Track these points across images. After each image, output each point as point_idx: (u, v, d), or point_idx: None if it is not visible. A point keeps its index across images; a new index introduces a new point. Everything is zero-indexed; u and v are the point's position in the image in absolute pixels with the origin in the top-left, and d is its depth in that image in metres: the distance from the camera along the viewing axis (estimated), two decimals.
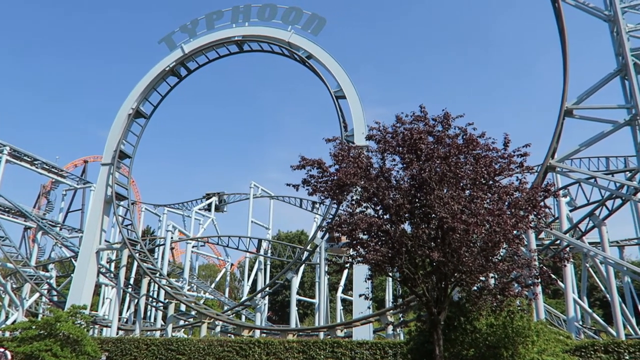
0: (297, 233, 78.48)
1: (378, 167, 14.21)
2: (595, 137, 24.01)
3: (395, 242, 12.96)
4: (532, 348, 13.62)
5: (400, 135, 13.88)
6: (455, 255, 12.55)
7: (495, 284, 13.74)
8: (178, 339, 24.85)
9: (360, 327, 26.20)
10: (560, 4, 26.16)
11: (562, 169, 25.63)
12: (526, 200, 13.27)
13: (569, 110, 24.37)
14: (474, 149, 13.60)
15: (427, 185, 12.88)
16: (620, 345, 16.39)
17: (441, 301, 13.48)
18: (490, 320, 14.13)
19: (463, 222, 12.01)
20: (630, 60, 23.20)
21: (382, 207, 13.57)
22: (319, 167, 13.93)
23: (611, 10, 24.96)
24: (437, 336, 13.28)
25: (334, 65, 32.32)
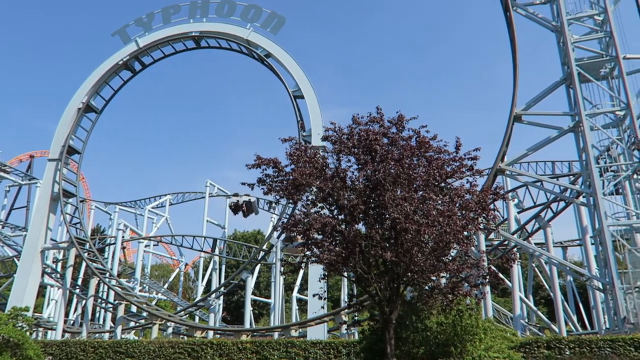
0: (253, 233, 77.81)
1: (334, 168, 14.29)
2: (542, 142, 25.04)
3: (349, 242, 13.08)
4: (480, 345, 14.04)
5: (355, 137, 14.01)
6: (407, 255, 12.77)
7: (446, 284, 14.10)
8: (127, 341, 24.12)
9: (315, 327, 26.28)
10: (512, 13, 27.14)
11: (511, 172, 26.61)
12: (476, 202, 13.65)
13: (518, 116, 25.32)
14: (427, 151, 13.89)
15: (381, 186, 13.04)
16: (561, 342, 17.15)
17: (393, 300, 13.69)
18: (440, 318, 14.46)
19: (415, 222, 12.25)
20: (575, 69, 24.32)
21: (337, 207, 13.66)
22: (274, 167, 13.88)
23: (558, 22, 26.11)
24: (389, 335, 13.48)
25: (292, 64, 32.27)
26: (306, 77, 31.70)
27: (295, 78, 31.93)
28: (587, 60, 24.91)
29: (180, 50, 38.17)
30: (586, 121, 23.55)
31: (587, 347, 16.54)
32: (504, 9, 27.91)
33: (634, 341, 16.09)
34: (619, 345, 16.15)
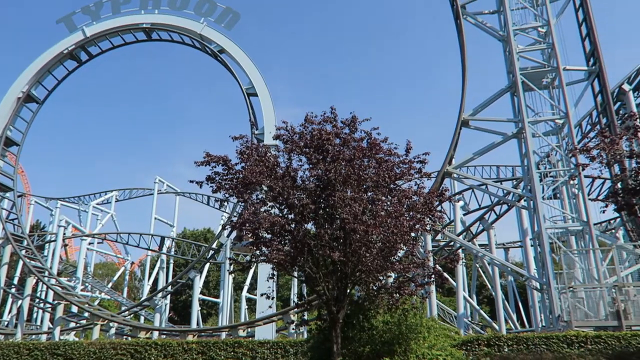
0: (203, 231, 76.47)
1: (285, 167, 14.26)
2: (487, 147, 25.98)
3: (299, 242, 13.08)
4: (423, 343, 14.37)
5: (308, 136, 14.02)
6: (355, 255, 12.91)
7: (392, 283, 14.36)
8: (66, 342, 23.05)
9: (263, 327, 26.17)
10: (462, 21, 27.99)
11: (458, 175, 27.45)
12: (423, 204, 13.97)
13: (465, 121, 26.14)
14: (378, 153, 14.07)
15: (332, 186, 13.12)
16: (500, 339, 17.78)
17: (341, 300, 13.79)
18: (386, 317, 14.70)
19: (363, 223, 12.39)
20: (519, 78, 25.37)
21: (287, 206, 13.62)
22: (224, 164, 13.69)
23: (505, 32, 27.15)
24: (336, 334, 13.58)
25: (246, 61, 31.95)
26: (260, 75, 31.49)
27: (249, 75, 31.65)
28: (531, 69, 26.03)
29: (130, 42, 37.00)
30: (528, 128, 24.61)
31: (524, 344, 17.22)
32: (455, 16, 28.76)
33: (566, 338, 16.90)
34: (553, 342, 16.92)
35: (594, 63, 26.15)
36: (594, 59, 26.10)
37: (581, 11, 27.08)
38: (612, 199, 12.55)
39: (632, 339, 16.25)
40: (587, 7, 26.42)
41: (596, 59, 25.86)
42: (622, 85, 32.81)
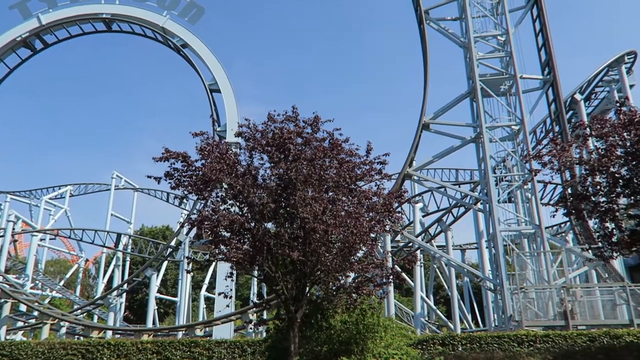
0: (162, 228, 74.90)
1: (246, 165, 14.17)
2: (446, 150, 26.61)
3: (258, 241, 13.01)
4: (380, 343, 14.55)
5: (270, 134, 13.97)
6: (315, 254, 12.94)
7: (351, 283, 14.48)
8: (12, 342, 22.09)
9: (221, 326, 25.86)
10: (425, 26, 28.53)
11: (418, 177, 27.98)
12: (383, 204, 14.15)
13: (426, 124, 26.66)
14: (339, 154, 14.15)
15: (293, 186, 13.11)
16: (455, 338, 18.21)
17: (299, 299, 13.81)
18: (344, 317, 14.79)
19: (323, 223, 12.44)
20: (478, 84, 26.08)
21: (247, 205, 13.52)
22: (183, 161, 13.46)
23: (466, 38, 27.84)
24: (294, 333, 13.58)
25: (209, 57, 31.45)
26: (223, 71, 31.06)
27: (212, 71, 31.17)
28: (490, 76, 26.80)
29: (89, 32, 35.81)
30: (486, 133, 25.33)
31: (477, 343, 17.69)
32: (418, 21, 29.27)
33: (517, 337, 17.48)
34: (504, 341, 17.45)
35: (549, 72, 27.19)
36: (549, 68, 27.13)
37: (538, 22, 28.12)
38: (561, 204, 13.05)
39: (577, 338, 16.95)
40: (544, 19, 27.45)
41: (551, 69, 26.89)
42: (575, 94, 34.28)
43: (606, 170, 11.71)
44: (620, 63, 34.40)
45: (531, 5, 28.44)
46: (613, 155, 11.52)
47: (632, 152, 11.35)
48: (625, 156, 11.50)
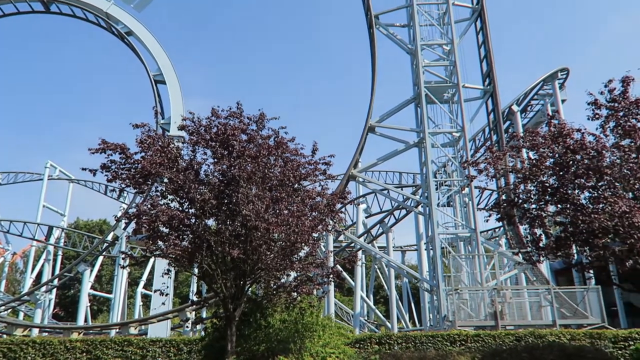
0: (99, 222, 71.93)
1: (188, 159, 13.87)
2: (390, 153, 27.21)
3: (197, 237, 12.77)
4: (318, 342, 14.66)
5: (214, 129, 13.75)
6: (256, 253, 12.86)
7: (291, 282, 14.50)
8: None
9: (157, 324, 25.15)
10: (375, 31, 29.03)
11: (363, 179, 28.42)
12: (326, 205, 14.27)
13: (372, 127, 27.15)
14: (284, 152, 14.13)
15: (236, 182, 12.96)
16: (391, 338, 18.63)
17: (238, 298, 13.68)
18: (283, 316, 14.81)
19: (265, 221, 12.38)
20: (423, 91, 26.85)
21: (188, 200, 13.24)
22: (121, 153, 12.98)
23: (413, 45, 28.58)
24: (231, 332, 13.44)
25: (155, 46, 30.44)
26: (170, 62, 30.15)
27: (158, 62, 30.18)
28: (434, 84, 27.65)
29: (25, 11, 33.73)
30: (428, 138, 26.12)
31: (412, 342, 18.19)
32: (368, 25, 29.74)
33: (450, 337, 18.12)
34: (438, 341, 18.04)
35: (489, 83, 28.40)
36: (490, 79, 28.34)
37: (481, 34, 29.31)
38: (495, 209, 13.66)
39: (505, 337, 17.79)
40: (487, 31, 28.66)
41: (491, 80, 28.11)
42: (512, 106, 36.00)
43: (536, 179, 12.37)
44: (554, 78, 36.55)
45: (475, 18, 29.60)
46: (543, 165, 12.19)
47: (559, 162, 12.06)
48: (554, 167, 12.19)
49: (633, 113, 11.63)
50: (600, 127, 12.09)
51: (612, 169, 11.39)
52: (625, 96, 11.76)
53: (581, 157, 11.75)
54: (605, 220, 10.69)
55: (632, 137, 11.64)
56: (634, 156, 11.48)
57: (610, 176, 11.39)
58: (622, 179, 11.41)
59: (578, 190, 11.95)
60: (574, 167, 11.78)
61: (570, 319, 20.72)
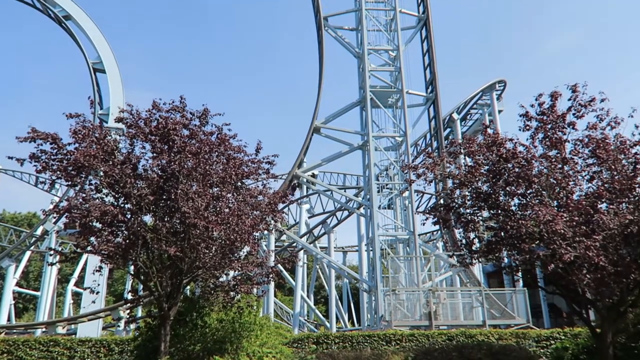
0: (27, 215, 67.97)
1: (126, 153, 13.36)
2: (334, 155, 27.52)
3: (132, 234, 12.32)
4: (255, 341, 14.57)
5: (154, 123, 13.32)
6: (194, 251, 12.59)
7: (229, 281, 14.31)
8: None
9: (88, 324, 24.10)
10: (323, 33, 29.24)
11: (307, 179, 28.52)
12: (267, 204, 14.19)
13: (317, 128, 27.33)
14: (227, 149, 13.93)
15: (175, 178, 12.64)
16: (329, 337, 18.81)
17: (174, 296, 13.34)
18: (221, 315, 14.61)
19: (204, 219, 12.14)
20: (369, 95, 27.34)
21: (124, 195, 12.75)
22: (53, 143, 12.31)
23: (361, 49, 29.03)
24: (165, 332, 13.09)
25: (95, 32, 29.05)
26: (110, 50, 28.91)
27: (98, 49, 28.88)
28: (379, 88, 28.23)
29: None
30: (372, 142, 26.62)
31: (350, 341, 18.45)
32: (317, 27, 29.93)
33: (385, 336, 18.53)
34: (374, 340, 18.40)
35: (432, 91, 29.33)
36: (432, 87, 29.27)
37: (426, 43, 30.22)
38: (432, 213, 14.08)
39: (438, 337, 18.42)
40: (431, 40, 29.58)
41: (434, 88, 29.03)
42: (453, 114, 37.38)
43: (471, 185, 12.87)
44: (492, 89, 38.29)
45: (421, 26, 30.48)
46: (477, 172, 12.70)
47: (493, 170, 12.62)
48: (487, 174, 12.74)
49: (559, 126, 12.36)
50: (530, 138, 12.74)
51: (539, 178, 12.04)
52: (553, 110, 12.47)
53: (512, 166, 12.33)
54: (531, 227, 11.28)
55: (558, 149, 12.36)
56: (560, 166, 12.20)
57: (538, 185, 12.04)
58: (548, 188, 12.09)
59: (508, 197, 12.53)
60: (506, 175, 12.34)
61: (499, 320, 21.76)
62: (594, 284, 11.13)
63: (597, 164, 11.93)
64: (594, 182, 12.03)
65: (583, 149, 12.22)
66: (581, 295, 12.23)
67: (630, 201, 11.51)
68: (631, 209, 11.35)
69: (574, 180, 12.12)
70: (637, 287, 11.56)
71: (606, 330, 12.04)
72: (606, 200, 11.45)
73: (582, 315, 12.63)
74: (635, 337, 13.28)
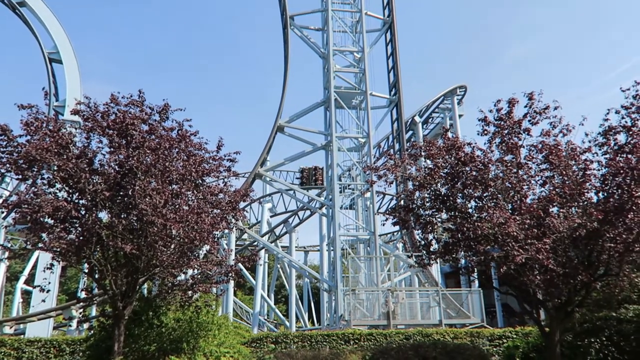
0: None
1: (81, 147, 12.94)
2: (298, 154, 27.52)
3: (86, 231, 11.93)
4: (213, 341, 14.42)
5: (112, 117, 12.95)
6: (151, 249, 12.32)
7: (187, 280, 14.09)
8: None
9: (38, 323, 23.17)
10: (289, 32, 29.18)
11: (270, 178, 28.40)
12: (228, 202, 14.04)
13: (281, 127, 27.25)
14: (188, 146, 13.70)
15: (133, 175, 12.32)
16: (288, 337, 18.80)
17: (129, 295, 13.01)
18: (178, 315, 14.39)
19: (163, 216, 11.90)
20: (333, 95, 27.47)
21: (78, 191, 12.34)
22: (2, 134, 11.79)
23: (326, 50, 29.14)
24: (119, 332, 12.75)
25: (52, 21, 27.88)
26: (68, 40, 27.78)
27: (54, 38, 27.74)
28: (344, 89, 28.43)
29: None
30: (335, 142, 26.76)
31: (309, 341, 18.49)
32: (283, 26, 29.87)
33: (344, 335, 18.68)
34: (333, 339, 18.52)
35: (395, 93, 29.75)
36: (396, 90, 29.69)
37: (390, 46, 30.64)
38: (392, 214, 14.26)
39: (395, 336, 18.71)
40: (395, 44, 30.01)
41: (397, 91, 29.46)
42: (415, 117, 38.03)
43: (430, 187, 13.12)
44: (453, 94, 39.22)
45: (386, 29, 30.86)
46: (437, 174, 12.96)
47: (451, 173, 12.91)
48: (446, 176, 13.02)
49: (515, 132, 12.76)
50: (488, 143, 13.10)
51: (495, 181, 12.39)
52: (510, 116, 12.86)
53: (470, 169, 12.64)
54: (487, 229, 11.60)
55: (513, 154, 12.76)
56: (515, 171, 12.60)
57: (494, 188, 12.40)
58: (503, 192, 12.47)
59: (466, 199, 12.85)
60: (464, 178, 12.65)
61: (455, 319, 22.30)
62: (543, 285, 11.54)
63: (550, 169, 12.36)
64: (546, 187, 12.46)
65: (537, 154, 12.63)
66: (532, 296, 12.67)
67: (579, 206, 12.00)
68: (580, 213, 11.83)
69: (527, 184, 12.53)
70: (584, 288, 12.05)
71: (554, 329, 12.50)
72: (557, 205, 11.89)
73: (533, 314, 13.07)
74: (581, 335, 13.87)
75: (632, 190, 10.62)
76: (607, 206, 11.03)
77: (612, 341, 13.31)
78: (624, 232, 10.82)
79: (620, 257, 11.18)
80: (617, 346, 13.20)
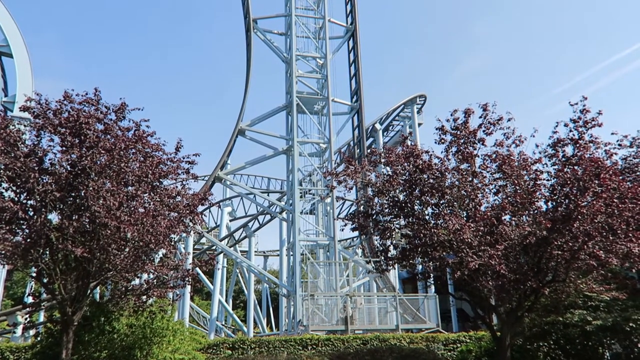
0: None
1: (31, 145, 12.40)
2: (258, 158, 27.37)
3: (34, 233, 11.43)
4: (167, 347, 14.08)
5: (64, 114, 12.48)
6: (103, 252, 11.93)
7: (142, 284, 13.71)
8: None
9: None
10: (252, 35, 29.05)
11: (229, 181, 28.08)
12: (185, 205, 13.77)
13: (242, 130, 27.03)
14: (145, 147, 13.37)
15: (86, 175, 11.91)
16: (245, 343, 18.56)
17: (79, 300, 12.52)
18: (131, 320, 13.98)
19: (116, 218, 11.55)
20: (295, 100, 27.49)
21: (26, 191, 11.82)
22: None
23: (289, 55, 29.16)
24: (67, 338, 12.26)
25: (3, 13, 26.64)
26: (19, 33, 26.61)
27: (5, 30, 26.49)
28: (306, 94, 28.50)
29: None
30: (297, 147, 26.78)
31: (266, 347, 18.31)
32: (246, 28, 29.68)
33: (302, 341, 18.61)
34: (291, 345, 18.41)
35: (357, 101, 30.07)
36: (357, 97, 30.02)
37: (353, 53, 30.98)
38: (351, 219, 14.38)
39: (353, 341, 18.79)
40: (357, 51, 30.37)
41: (358, 98, 29.79)
42: (376, 124, 38.56)
43: (389, 193, 13.33)
44: (413, 103, 40.00)
45: (348, 37, 31.20)
46: (395, 181, 13.18)
47: (409, 180, 13.15)
48: (404, 183, 13.25)
49: (471, 141, 13.15)
50: (445, 151, 13.44)
51: (451, 189, 12.71)
52: (466, 126, 13.24)
53: (427, 177, 12.92)
54: (443, 235, 11.88)
55: (469, 163, 13.13)
56: (470, 179, 12.96)
57: (450, 195, 12.71)
58: (459, 199, 12.80)
59: (423, 206, 13.11)
60: (421, 185, 12.91)
61: (412, 324, 22.63)
62: (495, 290, 11.89)
63: (503, 178, 12.77)
64: (499, 195, 12.87)
65: (491, 164, 13.03)
66: (485, 301, 13.03)
67: (529, 214, 12.45)
68: (530, 221, 12.27)
69: (482, 192, 12.90)
70: (533, 294, 12.48)
71: (505, 333, 12.89)
72: (509, 213, 12.30)
73: (485, 319, 13.43)
74: (531, 339, 14.37)
75: (578, 200, 11.09)
76: (555, 215, 11.48)
77: (559, 344, 13.85)
78: (570, 240, 11.27)
79: (567, 264, 11.63)
80: (563, 349, 13.75)
